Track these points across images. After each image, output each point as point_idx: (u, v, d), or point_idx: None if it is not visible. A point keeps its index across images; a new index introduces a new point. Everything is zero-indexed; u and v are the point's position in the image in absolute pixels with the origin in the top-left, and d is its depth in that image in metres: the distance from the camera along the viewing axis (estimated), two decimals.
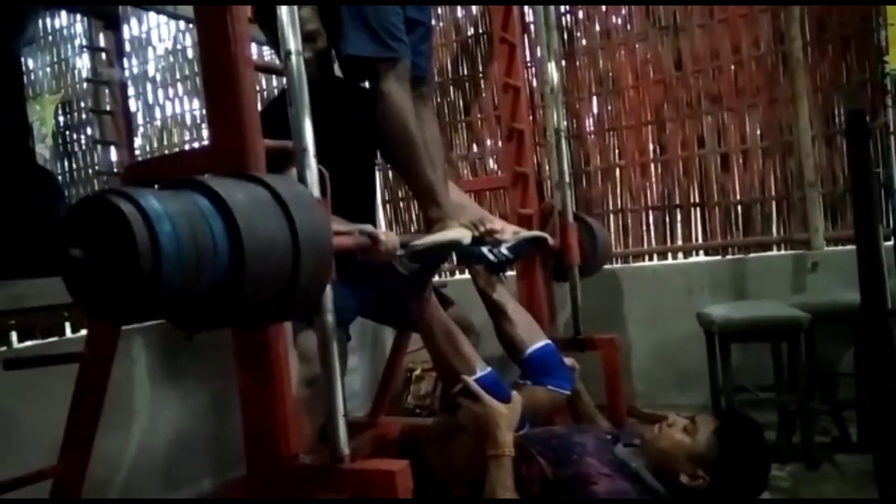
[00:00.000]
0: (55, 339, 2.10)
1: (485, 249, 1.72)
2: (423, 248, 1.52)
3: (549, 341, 1.88)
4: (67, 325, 2.16)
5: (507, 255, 1.79)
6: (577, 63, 3.36)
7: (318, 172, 1.15)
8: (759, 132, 3.06)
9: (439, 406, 3.21)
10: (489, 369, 1.61)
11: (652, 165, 3.26)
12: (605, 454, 1.55)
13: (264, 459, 1.20)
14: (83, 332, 2.16)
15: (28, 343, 2.03)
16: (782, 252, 3.02)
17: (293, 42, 1.20)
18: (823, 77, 2.95)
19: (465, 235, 1.61)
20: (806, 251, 2.90)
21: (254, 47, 1.63)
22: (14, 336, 2.02)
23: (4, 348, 1.96)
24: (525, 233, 1.94)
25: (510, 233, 1.87)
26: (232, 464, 2.38)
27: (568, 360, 1.90)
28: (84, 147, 4.48)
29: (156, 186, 1.32)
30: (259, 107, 1.27)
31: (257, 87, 3.53)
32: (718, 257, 3.12)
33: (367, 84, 1.82)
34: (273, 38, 1.62)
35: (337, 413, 1.16)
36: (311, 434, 1.61)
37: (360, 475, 1.15)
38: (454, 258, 1.83)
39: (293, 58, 1.20)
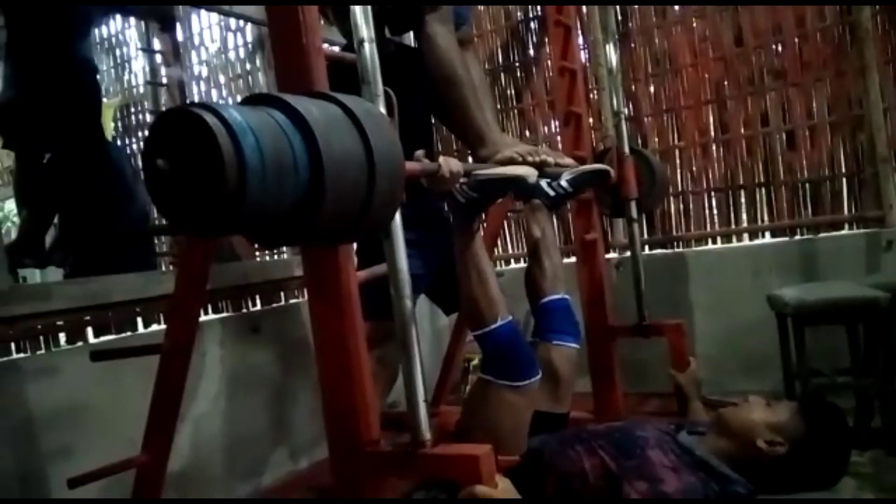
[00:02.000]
0: (128, 333, 2.16)
1: (543, 183, 1.70)
2: (485, 178, 1.51)
3: (566, 296, 1.87)
4: (139, 321, 2.21)
5: (566, 189, 1.76)
6: (633, 43, 3.28)
7: (385, 94, 1.14)
8: (826, 107, 2.94)
9: None
10: (510, 318, 1.60)
11: (713, 146, 3.17)
12: (667, 445, 1.52)
13: (346, 446, 1.21)
14: (154, 327, 2.22)
15: (103, 338, 2.09)
16: (854, 231, 2.89)
17: (366, 30, 1.19)
18: (895, 47, 2.82)
19: (531, 174, 1.60)
20: (880, 229, 2.78)
21: None
22: (90, 331, 2.09)
23: (81, 343, 2.03)
24: (586, 166, 1.90)
25: (567, 161, 1.85)
26: (302, 450, 2.42)
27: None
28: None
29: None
30: None
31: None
32: (786, 238, 3.02)
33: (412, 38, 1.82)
34: (344, 28, 1.63)
35: (418, 398, 1.16)
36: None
37: (444, 460, 1.14)
38: (513, 193, 1.83)
39: (366, 45, 1.19)
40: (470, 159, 1.89)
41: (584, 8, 3.21)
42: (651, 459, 1.45)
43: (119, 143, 4.67)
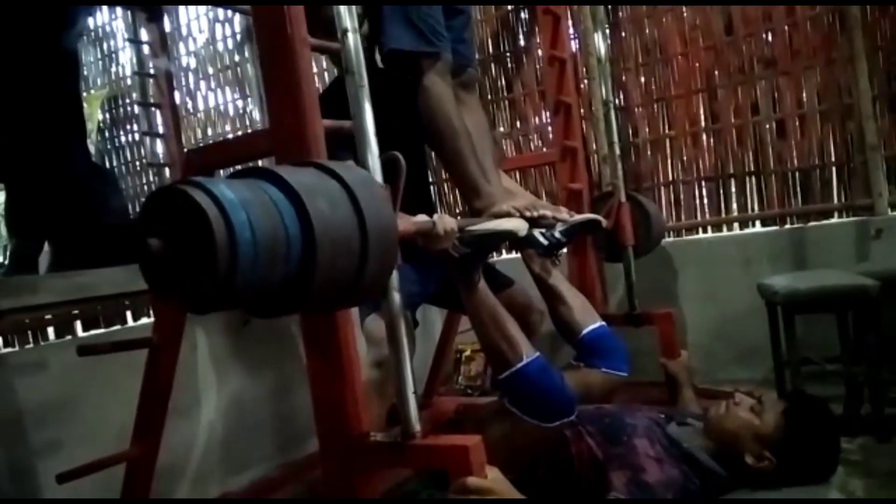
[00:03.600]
0: (118, 327, 2.15)
1: (537, 233, 1.69)
2: (476, 235, 1.51)
3: (603, 323, 1.85)
4: (129, 314, 2.20)
5: (560, 239, 1.76)
6: (623, 32, 3.28)
7: (393, 158, 1.13)
8: (816, 96, 2.94)
9: (490, 385, 3.21)
10: (537, 354, 1.58)
11: (704, 135, 3.17)
12: (655, 435, 1.52)
13: (336, 437, 1.20)
14: (144, 320, 2.21)
15: (92, 332, 2.08)
16: (844, 219, 2.90)
17: (349, 20, 1.18)
18: (884, 35, 2.81)
19: (521, 227, 1.59)
20: (869, 217, 2.79)
21: None
22: (79, 325, 2.08)
23: (69, 337, 2.01)
24: (578, 216, 1.90)
25: (563, 214, 1.84)
26: (295, 443, 2.42)
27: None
28: (131, 141, 4.56)
29: (220, 174, 1.33)
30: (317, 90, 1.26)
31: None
32: (776, 227, 3.02)
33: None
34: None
35: (407, 390, 1.16)
36: (380, 416, 1.61)
37: (434, 451, 1.14)
38: (507, 244, 1.81)
39: (350, 35, 1.18)
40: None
41: None
42: (636, 449, 1.46)
43: (106, 133, 4.64)
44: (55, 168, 2.11)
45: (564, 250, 2.15)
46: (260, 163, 1.99)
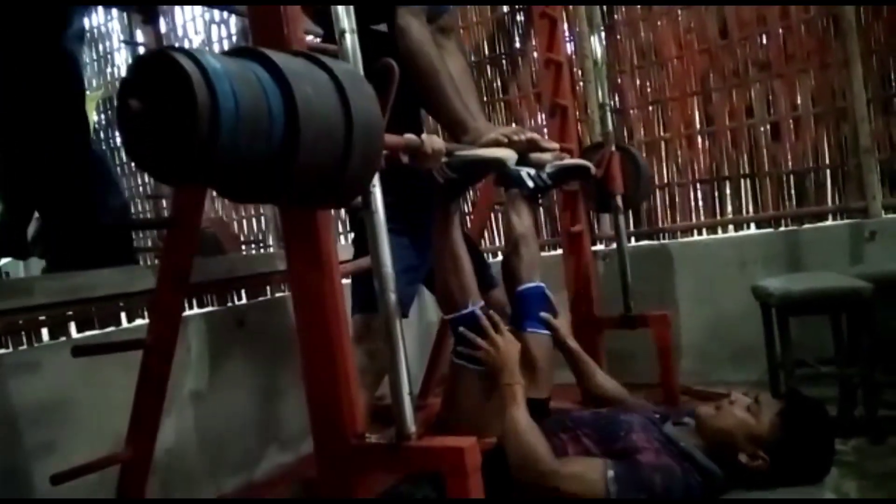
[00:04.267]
0: (112, 328, 2.14)
1: (524, 173, 1.69)
2: (465, 160, 1.50)
3: (541, 284, 1.88)
4: (124, 315, 2.19)
5: (546, 182, 1.76)
6: (618, 35, 3.29)
7: (387, 64, 1.12)
8: (810, 99, 2.96)
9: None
10: (482, 303, 1.64)
11: (699, 137, 3.18)
12: (652, 431, 1.52)
13: (331, 439, 1.20)
14: (138, 321, 2.20)
15: (87, 333, 2.07)
16: (838, 222, 2.92)
17: (347, 21, 1.18)
18: (878, 39, 2.83)
19: (510, 157, 1.58)
20: (863, 220, 2.80)
21: None
22: (73, 326, 2.07)
23: (64, 338, 2.00)
24: (568, 160, 1.90)
25: (552, 143, 1.84)
26: (290, 444, 2.41)
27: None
28: None
29: None
30: None
31: None
32: (771, 229, 3.04)
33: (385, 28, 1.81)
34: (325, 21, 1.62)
35: (403, 391, 1.16)
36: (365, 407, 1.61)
37: (429, 452, 1.14)
38: (493, 178, 1.82)
39: (347, 36, 1.18)
40: None
41: None
42: (634, 441, 1.46)
43: (102, 135, 4.63)
44: (55, 164, 2.10)
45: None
46: None
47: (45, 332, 1.93)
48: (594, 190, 2.58)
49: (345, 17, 1.17)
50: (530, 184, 1.74)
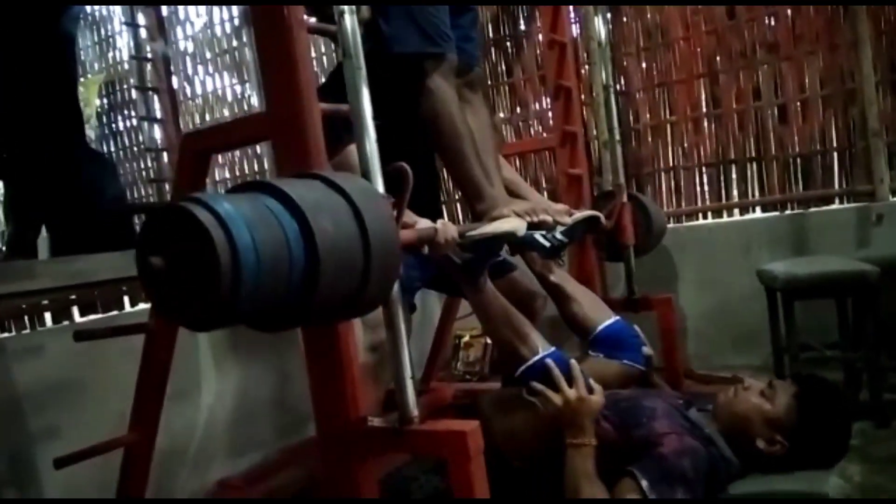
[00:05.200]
0: (115, 312, 2.14)
1: (537, 235, 1.68)
2: (476, 240, 1.50)
3: (618, 318, 1.83)
4: (126, 300, 2.19)
5: (561, 240, 1.74)
6: (624, 17, 3.25)
7: (401, 169, 1.11)
8: (818, 81, 2.92)
9: (489, 371, 3.21)
10: (553, 348, 1.57)
11: (705, 120, 3.15)
12: (676, 417, 1.50)
13: (334, 423, 1.20)
14: (141, 305, 2.20)
15: (90, 317, 2.07)
16: (845, 205, 2.90)
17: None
18: (888, 20, 2.79)
19: (519, 227, 1.58)
20: (870, 203, 2.78)
21: None
22: (76, 311, 2.07)
23: (67, 323, 2.00)
24: (578, 214, 1.88)
25: (564, 217, 1.80)
26: (294, 427, 2.42)
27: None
28: (129, 126, 4.54)
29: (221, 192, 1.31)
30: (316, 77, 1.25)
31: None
32: (777, 213, 3.02)
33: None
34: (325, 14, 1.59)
35: (405, 375, 1.15)
36: (377, 399, 1.61)
37: (431, 436, 1.14)
38: (507, 248, 1.80)
39: (347, 16, 1.16)
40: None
41: None
42: (655, 428, 1.43)
43: (104, 119, 4.61)
44: (53, 156, 2.09)
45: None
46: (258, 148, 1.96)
47: (48, 316, 1.93)
48: (605, 240, 2.55)
49: None
50: (546, 244, 1.71)
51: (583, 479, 1.37)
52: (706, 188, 3.18)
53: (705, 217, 3.19)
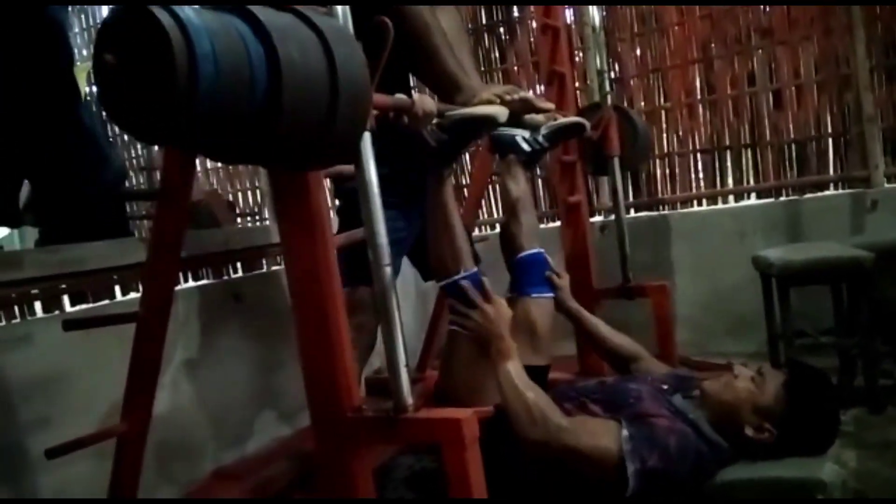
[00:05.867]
0: (106, 301, 2.12)
1: (518, 137, 1.66)
2: (456, 119, 1.46)
3: (541, 250, 1.87)
4: (117, 289, 2.17)
5: (542, 144, 1.72)
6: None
7: (381, 23, 1.09)
8: (813, 66, 2.91)
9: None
10: (475, 269, 1.61)
11: (700, 106, 3.14)
12: (661, 401, 1.50)
13: (327, 412, 1.19)
14: (133, 294, 2.18)
15: (80, 307, 2.05)
16: (839, 191, 2.89)
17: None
18: (882, 5, 2.77)
19: (501, 113, 1.53)
20: (865, 189, 2.78)
21: None
22: (66, 300, 2.04)
23: (57, 312, 1.98)
24: (564, 119, 1.85)
25: (547, 103, 1.79)
26: (288, 417, 2.41)
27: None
28: None
29: None
30: None
31: None
32: (771, 199, 3.01)
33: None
34: None
35: (399, 363, 1.14)
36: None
37: (426, 424, 1.13)
38: (488, 145, 1.79)
39: (339, 7, 1.14)
40: None
41: None
42: (647, 409, 1.44)
43: (94, 106, 4.55)
44: (44, 140, 2.06)
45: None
46: None
47: (37, 305, 1.91)
48: (591, 152, 2.54)
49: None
50: (526, 147, 1.70)
51: (517, 379, 1.42)
52: (701, 174, 3.17)
53: (700, 204, 3.18)
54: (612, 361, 1.88)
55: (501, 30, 3.53)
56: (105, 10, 4.38)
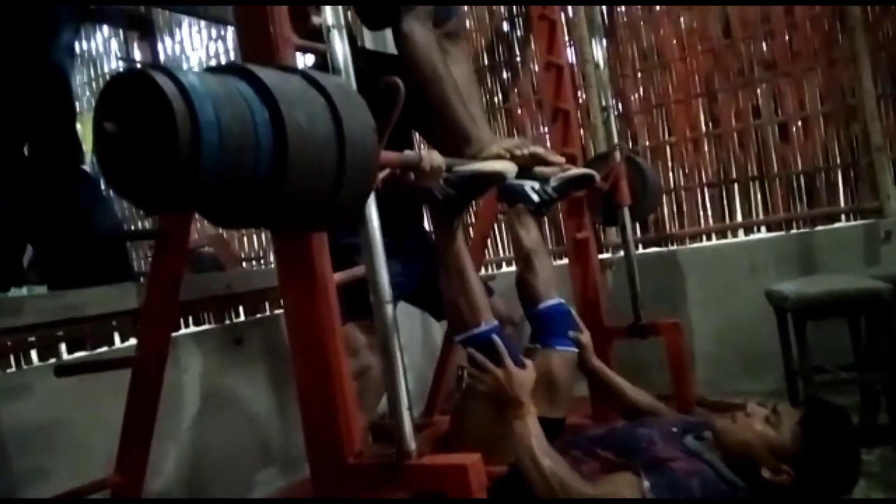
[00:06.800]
0: (104, 349, 2.08)
1: (527, 187, 1.63)
2: (464, 175, 1.44)
3: (562, 300, 1.81)
4: (116, 336, 2.13)
5: (551, 195, 1.69)
6: (619, 39, 3.24)
7: (392, 84, 1.06)
8: (818, 97, 2.90)
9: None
10: (496, 323, 1.54)
11: (705, 140, 3.12)
12: (674, 444, 1.45)
13: (327, 460, 1.13)
14: (132, 341, 2.14)
15: (77, 354, 2.01)
16: (852, 223, 2.84)
17: (334, 17, 1.13)
18: (886, 34, 2.77)
19: (509, 169, 1.52)
20: (878, 220, 2.73)
21: None
22: (63, 347, 2.01)
23: (54, 360, 1.94)
24: (572, 170, 1.83)
25: (557, 157, 1.78)
26: (289, 468, 2.34)
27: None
28: None
29: None
30: None
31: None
32: (782, 232, 2.97)
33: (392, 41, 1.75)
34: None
35: (402, 407, 1.09)
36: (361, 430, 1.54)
37: (431, 471, 1.07)
38: (496, 193, 1.76)
39: (335, 32, 1.13)
40: None
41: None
42: (660, 453, 1.39)
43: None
44: (46, 185, 2.05)
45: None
46: None
47: (34, 353, 1.87)
48: (600, 202, 2.51)
49: (331, 14, 1.12)
50: (535, 198, 1.66)
51: (534, 440, 1.36)
52: (709, 209, 3.13)
53: (709, 238, 3.13)
54: (630, 417, 1.82)
55: (504, 70, 3.54)
56: (113, 57, 4.46)
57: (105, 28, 4.32)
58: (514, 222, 1.88)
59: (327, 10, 1.12)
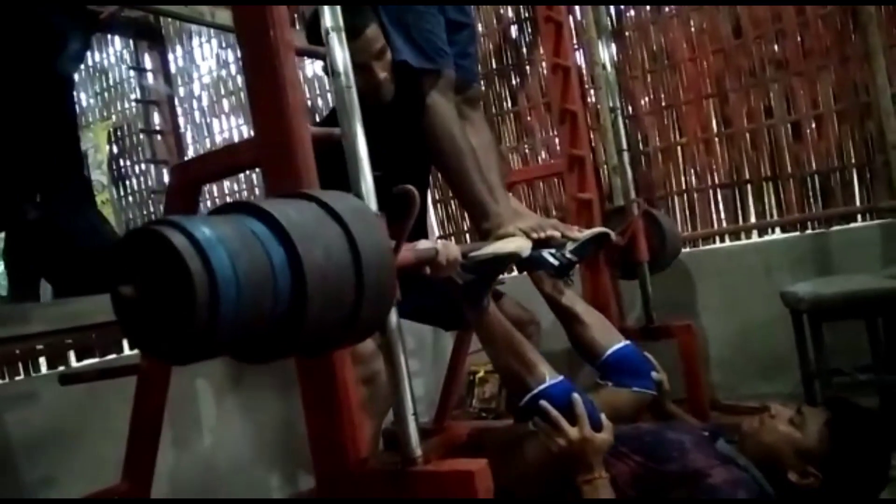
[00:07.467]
0: (113, 356, 2.08)
1: (546, 254, 1.61)
2: (480, 260, 1.44)
3: (627, 342, 1.75)
4: (125, 343, 2.13)
5: (570, 259, 1.67)
6: (628, 40, 3.21)
7: (408, 193, 1.04)
8: (832, 95, 2.85)
9: (505, 408, 3.10)
10: (561, 377, 1.47)
11: (716, 141, 3.07)
12: (707, 449, 1.42)
13: (333, 467, 1.12)
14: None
15: (86, 362, 2.01)
16: (868, 222, 2.79)
17: (332, 19, 1.12)
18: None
19: (523, 247, 1.53)
20: (894, 219, 2.68)
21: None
22: (72, 355, 2.01)
23: (62, 368, 1.94)
24: (587, 231, 1.82)
25: (573, 232, 1.75)
26: (297, 475, 2.33)
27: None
28: (139, 170, 4.55)
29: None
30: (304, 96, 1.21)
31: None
32: (797, 233, 2.92)
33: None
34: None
35: (406, 413, 1.07)
36: (369, 437, 1.52)
37: (436, 477, 1.05)
38: (514, 268, 1.75)
39: (333, 34, 1.12)
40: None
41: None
42: (695, 463, 1.35)
43: (114, 163, 4.63)
44: (49, 198, 2.06)
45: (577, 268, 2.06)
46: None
47: (42, 361, 1.88)
48: (618, 258, 2.48)
49: (329, 15, 1.11)
50: (554, 262, 1.64)
51: None
52: (722, 210, 3.09)
53: (722, 240, 3.09)
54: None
55: (512, 73, 3.52)
56: (123, 66, 4.49)
57: (116, 39, 4.37)
58: (542, 288, 1.83)
59: (326, 11, 1.11)
